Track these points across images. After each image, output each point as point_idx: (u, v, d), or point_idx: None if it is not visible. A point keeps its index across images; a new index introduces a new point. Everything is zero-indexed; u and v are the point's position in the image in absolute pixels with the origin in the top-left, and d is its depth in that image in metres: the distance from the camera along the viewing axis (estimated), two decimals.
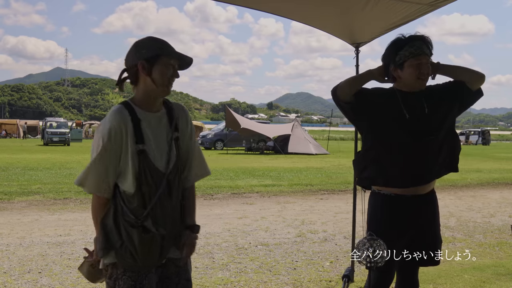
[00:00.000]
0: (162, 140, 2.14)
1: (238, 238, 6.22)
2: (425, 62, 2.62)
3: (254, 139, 26.49)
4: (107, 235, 2.09)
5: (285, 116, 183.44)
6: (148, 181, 2.06)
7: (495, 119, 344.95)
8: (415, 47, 2.60)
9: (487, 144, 48.99)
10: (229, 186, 11.33)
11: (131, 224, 2.06)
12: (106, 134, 2.04)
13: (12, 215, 7.65)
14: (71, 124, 42.12)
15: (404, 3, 3.57)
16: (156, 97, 2.14)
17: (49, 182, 11.57)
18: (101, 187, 2.08)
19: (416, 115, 2.65)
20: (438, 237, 2.75)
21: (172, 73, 2.12)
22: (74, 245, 5.71)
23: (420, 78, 2.64)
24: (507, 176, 15.06)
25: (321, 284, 4.47)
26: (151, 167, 2.07)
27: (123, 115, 2.06)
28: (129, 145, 2.05)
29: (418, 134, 2.63)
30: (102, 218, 2.11)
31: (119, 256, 2.09)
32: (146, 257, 2.08)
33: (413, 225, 2.66)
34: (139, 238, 2.05)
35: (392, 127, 2.65)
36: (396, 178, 2.65)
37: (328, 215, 8.10)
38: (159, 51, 2.07)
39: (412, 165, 2.63)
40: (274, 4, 3.97)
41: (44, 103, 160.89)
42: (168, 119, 2.18)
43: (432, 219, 2.73)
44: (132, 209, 2.06)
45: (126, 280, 2.10)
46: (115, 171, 2.08)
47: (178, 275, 2.24)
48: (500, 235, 6.72)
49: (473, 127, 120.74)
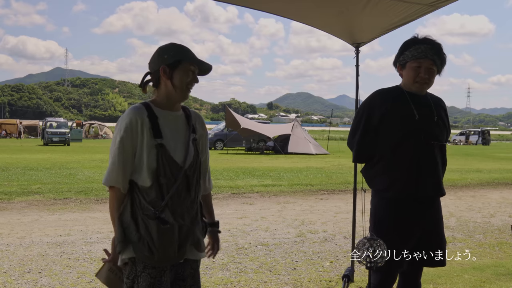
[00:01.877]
0: (181, 136, 2.23)
1: (238, 238, 6.22)
2: (426, 67, 2.61)
3: (254, 139, 26.48)
4: (125, 230, 2.14)
5: (285, 116, 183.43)
6: (166, 173, 2.13)
7: (495, 119, 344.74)
8: (420, 50, 2.60)
9: (487, 144, 48.98)
10: (229, 186, 11.33)
11: (149, 216, 2.11)
12: (123, 128, 2.14)
13: (12, 215, 7.65)
14: (71, 124, 42.07)
15: (404, 4, 3.58)
16: (175, 100, 2.24)
17: (49, 182, 11.57)
18: (120, 179, 2.14)
19: (425, 117, 2.67)
20: (443, 239, 2.76)
21: (191, 78, 2.22)
22: (74, 245, 5.71)
23: (417, 81, 2.64)
24: (507, 176, 15.06)
25: (321, 284, 4.47)
26: (170, 160, 2.15)
27: (140, 112, 2.16)
28: (145, 140, 2.13)
29: (426, 136, 2.64)
30: (119, 214, 2.16)
31: (137, 249, 2.12)
32: (164, 250, 2.12)
33: (418, 228, 2.66)
34: (157, 229, 2.10)
35: (401, 126, 2.64)
36: (402, 180, 2.64)
37: (328, 215, 8.10)
38: (180, 57, 2.18)
39: (419, 167, 2.63)
40: (274, 4, 3.97)
41: (44, 103, 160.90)
42: (186, 121, 2.29)
43: (437, 221, 2.74)
44: (150, 201, 2.13)
45: (145, 277, 2.13)
46: (132, 166, 2.15)
47: (193, 277, 2.29)
48: (500, 235, 6.72)
49: (473, 127, 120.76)
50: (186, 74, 2.20)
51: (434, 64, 2.62)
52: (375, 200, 2.75)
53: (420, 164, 2.63)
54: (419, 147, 2.63)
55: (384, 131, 2.67)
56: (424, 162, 2.64)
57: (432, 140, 2.64)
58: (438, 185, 2.70)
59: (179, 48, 2.22)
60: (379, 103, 2.70)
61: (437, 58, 2.62)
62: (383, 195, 2.69)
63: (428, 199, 2.69)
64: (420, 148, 2.63)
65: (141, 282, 2.14)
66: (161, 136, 2.14)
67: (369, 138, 2.73)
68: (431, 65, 2.62)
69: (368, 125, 2.72)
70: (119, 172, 2.13)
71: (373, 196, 2.78)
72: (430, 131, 2.65)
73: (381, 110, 2.67)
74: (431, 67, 2.62)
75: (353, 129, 2.84)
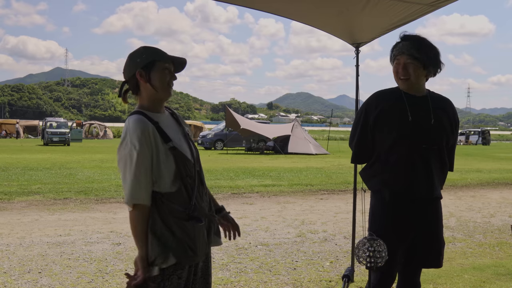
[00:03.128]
0: (180, 135, 2.26)
1: (238, 238, 6.20)
2: (403, 62, 2.61)
3: (254, 139, 26.49)
4: (159, 240, 2.07)
5: (285, 116, 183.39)
6: (188, 173, 2.15)
7: (495, 119, 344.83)
8: (398, 47, 2.64)
9: (487, 144, 49.00)
10: (229, 186, 11.33)
11: (183, 218, 2.10)
12: (137, 142, 2.05)
13: (12, 215, 7.65)
14: (71, 124, 42.09)
15: (404, 3, 3.57)
16: (160, 100, 2.22)
17: (49, 182, 11.57)
18: (146, 195, 2.07)
19: (421, 119, 2.64)
20: (441, 241, 2.75)
21: (170, 76, 2.21)
22: (74, 245, 5.71)
23: (399, 78, 2.65)
24: (507, 176, 15.06)
25: (321, 284, 4.47)
26: (185, 160, 2.17)
27: (144, 121, 2.10)
28: (159, 147, 2.10)
29: (420, 139, 2.62)
30: (148, 226, 2.08)
31: (178, 253, 2.08)
32: (202, 246, 2.17)
33: (415, 229, 2.65)
34: (194, 229, 2.12)
35: (395, 129, 2.64)
36: (396, 182, 2.64)
37: (328, 215, 8.10)
38: (153, 57, 2.16)
39: (413, 170, 2.61)
40: (274, 4, 3.97)
41: (44, 103, 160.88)
42: (174, 118, 2.31)
43: (435, 223, 2.72)
44: (179, 203, 2.11)
45: (173, 280, 2.12)
46: (152, 177, 2.09)
47: (202, 269, 2.30)
48: (500, 235, 6.72)
49: (473, 127, 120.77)
50: (163, 72, 2.17)
51: (412, 58, 2.60)
52: (372, 201, 2.77)
53: (414, 167, 2.61)
54: (413, 149, 2.61)
55: (380, 132, 2.68)
56: (418, 165, 2.61)
57: (425, 144, 2.61)
58: (432, 188, 2.67)
59: (150, 49, 2.19)
60: (375, 105, 2.71)
61: (415, 52, 2.58)
62: (379, 196, 2.70)
63: (424, 201, 2.67)
64: (413, 151, 2.61)
65: (168, 285, 2.10)
66: (170, 139, 2.14)
67: (367, 139, 2.74)
68: (408, 60, 2.60)
69: (365, 126, 2.73)
70: (144, 187, 2.06)
71: (371, 197, 2.80)
72: (424, 134, 2.62)
73: (377, 111, 2.69)
74: (408, 61, 2.60)
75: (353, 130, 2.86)
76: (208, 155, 22.88)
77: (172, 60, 2.21)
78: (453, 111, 2.79)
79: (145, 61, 2.14)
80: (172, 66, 2.22)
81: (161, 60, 2.17)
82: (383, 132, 2.66)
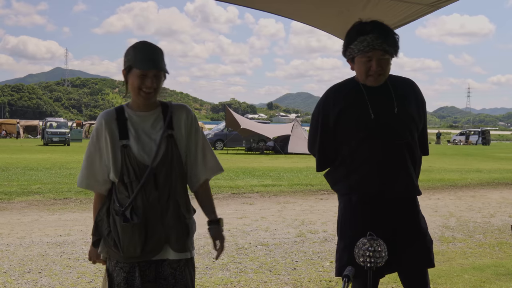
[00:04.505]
0: (150, 136, 2.22)
1: (238, 238, 6.22)
2: (377, 58, 2.36)
3: (254, 139, 26.49)
4: (97, 223, 2.25)
5: (285, 116, 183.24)
6: (129, 173, 2.17)
7: (495, 119, 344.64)
8: (366, 42, 2.33)
9: (487, 144, 49.01)
10: (229, 186, 11.33)
11: (116, 212, 2.18)
12: (93, 134, 2.27)
13: (12, 215, 7.65)
14: (71, 124, 42.12)
15: (405, 4, 3.57)
16: (138, 102, 2.24)
17: (49, 182, 11.57)
18: (91, 182, 2.26)
19: (383, 112, 2.43)
20: (426, 238, 2.53)
21: (142, 82, 2.14)
22: (74, 245, 5.72)
23: (370, 75, 2.39)
24: (507, 176, 15.06)
25: (321, 284, 4.47)
26: (133, 160, 2.18)
27: (108, 114, 2.25)
28: (109, 141, 2.20)
29: (384, 135, 2.42)
30: (98, 210, 2.26)
31: (106, 243, 2.21)
32: (128, 246, 2.16)
33: (391, 230, 2.46)
34: (121, 225, 2.16)
35: (356, 128, 2.45)
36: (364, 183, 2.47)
37: (328, 215, 8.10)
38: (131, 63, 2.17)
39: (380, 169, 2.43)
40: (274, 4, 3.97)
41: (44, 103, 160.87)
42: (162, 118, 2.26)
43: (413, 221, 2.51)
44: (119, 199, 2.20)
45: (118, 272, 2.20)
46: (102, 167, 2.23)
47: (175, 277, 2.23)
48: (500, 235, 6.72)
49: (473, 127, 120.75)
50: (138, 78, 2.14)
51: (386, 53, 2.36)
52: (340, 205, 2.61)
53: (381, 165, 2.42)
54: (378, 147, 2.42)
55: (341, 133, 2.49)
56: (386, 163, 2.42)
57: (392, 138, 2.41)
58: (405, 186, 2.46)
59: (134, 52, 2.17)
60: (332, 104, 2.49)
61: (387, 46, 2.35)
62: (347, 199, 2.55)
63: (396, 201, 2.47)
64: (379, 149, 2.42)
65: (115, 277, 2.20)
66: (127, 137, 2.19)
67: (330, 143, 2.53)
68: (383, 55, 2.36)
69: (325, 129, 2.52)
70: (90, 175, 2.26)
71: (339, 200, 2.64)
72: (388, 129, 2.42)
73: (335, 111, 2.47)
74: (382, 57, 2.36)
75: (312, 135, 2.62)
76: None
77: (147, 68, 2.13)
78: (417, 92, 2.54)
79: (126, 64, 2.20)
80: (151, 72, 2.14)
81: (136, 68, 2.15)
82: (345, 133, 2.48)
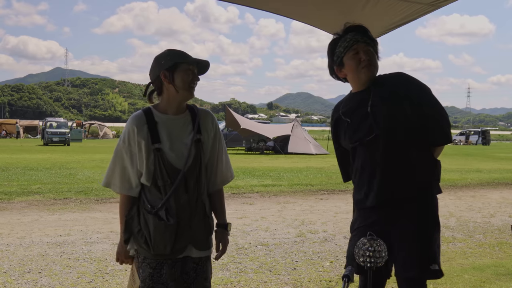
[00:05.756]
0: (181, 140, 2.29)
1: (238, 238, 6.22)
2: (363, 49, 2.41)
3: (254, 139, 26.49)
4: (128, 222, 2.29)
5: (285, 116, 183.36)
6: (163, 176, 2.23)
7: (495, 119, 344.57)
8: (348, 39, 2.42)
9: (487, 144, 49.01)
10: (229, 186, 11.31)
11: (148, 211, 2.24)
12: (122, 137, 2.32)
13: (12, 215, 7.65)
14: (71, 124, 42.10)
15: (405, 3, 3.57)
16: (179, 102, 2.31)
17: (49, 182, 11.57)
18: (123, 185, 2.31)
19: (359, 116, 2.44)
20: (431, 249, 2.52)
21: (192, 77, 2.29)
22: (74, 245, 5.71)
23: (362, 67, 2.41)
24: (507, 176, 15.05)
25: (321, 284, 4.47)
26: (167, 164, 2.23)
27: (139, 119, 2.28)
28: (143, 145, 2.24)
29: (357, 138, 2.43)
30: (128, 210, 2.31)
31: (136, 241, 2.26)
32: (158, 245, 2.22)
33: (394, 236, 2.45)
34: (153, 224, 2.21)
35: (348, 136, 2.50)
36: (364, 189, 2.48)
37: (328, 215, 8.10)
38: (177, 59, 2.26)
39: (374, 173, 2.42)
40: (274, 4, 3.97)
41: (44, 103, 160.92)
42: (191, 122, 2.33)
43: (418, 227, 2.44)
44: (150, 199, 2.26)
45: (145, 268, 2.27)
46: (135, 170, 2.28)
47: (196, 271, 2.33)
48: (500, 235, 6.72)
49: (473, 127, 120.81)
50: (186, 73, 2.27)
51: (368, 45, 2.43)
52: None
53: (376, 169, 2.40)
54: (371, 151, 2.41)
55: (344, 144, 2.60)
56: (381, 166, 2.39)
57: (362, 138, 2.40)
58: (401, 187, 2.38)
59: (175, 52, 2.31)
60: (332, 117, 2.65)
61: (367, 38, 2.44)
62: (356, 207, 2.62)
63: (397, 204, 2.42)
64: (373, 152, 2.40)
65: (141, 272, 2.27)
66: (159, 141, 2.24)
67: (341, 154, 2.68)
68: (366, 47, 2.42)
69: (335, 143, 2.69)
70: (119, 176, 2.31)
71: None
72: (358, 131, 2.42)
73: (332, 123, 2.64)
74: (367, 48, 2.42)
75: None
76: None
77: (195, 62, 2.30)
78: (408, 81, 2.44)
79: (169, 63, 2.25)
80: (195, 68, 2.31)
81: (184, 62, 2.26)
82: (344, 144, 2.58)
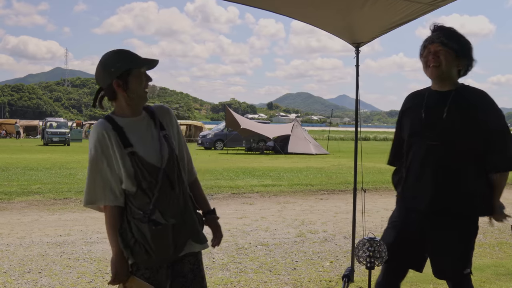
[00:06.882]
0: (150, 138, 2.20)
1: (238, 238, 6.21)
2: (433, 50, 2.49)
3: (254, 139, 26.48)
4: (122, 235, 2.16)
5: (285, 116, 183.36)
6: (145, 177, 2.13)
7: None
8: (426, 39, 2.56)
9: None
10: (229, 186, 11.32)
11: (140, 220, 2.12)
12: (92, 146, 2.14)
13: (12, 215, 7.65)
14: (71, 124, 42.09)
15: (404, 2, 3.57)
16: (136, 106, 2.20)
17: (49, 182, 11.57)
18: (109, 197, 2.15)
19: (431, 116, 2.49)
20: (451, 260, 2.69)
21: (145, 82, 2.18)
22: (74, 245, 5.71)
23: (428, 65, 2.51)
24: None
25: (321, 284, 4.46)
26: (146, 164, 2.13)
27: (105, 125, 2.14)
28: (116, 151, 2.12)
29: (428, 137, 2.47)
30: (120, 223, 2.17)
31: (135, 253, 2.15)
32: (160, 250, 2.14)
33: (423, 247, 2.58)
34: (150, 232, 2.11)
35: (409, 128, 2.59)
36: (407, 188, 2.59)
37: (328, 215, 8.10)
38: (128, 66, 2.12)
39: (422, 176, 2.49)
40: (274, 3, 3.97)
41: (44, 103, 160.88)
42: (152, 120, 2.25)
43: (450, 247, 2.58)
44: (138, 206, 2.14)
45: (143, 272, 2.19)
46: (115, 177, 2.15)
47: (193, 272, 2.30)
48: (500, 235, 6.72)
49: None
50: (139, 79, 2.15)
51: (443, 45, 2.46)
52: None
53: (422, 170, 2.46)
54: (422, 149, 2.47)
55: (402, 132, 2.69)
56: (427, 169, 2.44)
57: (432, 141, 2.45)
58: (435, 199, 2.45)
59: (123, 56, 2.15)
60: (404, 104, 2.73)
61: (445, 39, 2.47)
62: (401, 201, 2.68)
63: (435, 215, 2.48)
64: (423, 151, 2.47)
65: (139, 276, 2.20)
66: (130, 145, 2.13)
67: (398, 140, 2.75)
68: (439, 47, 2.47)
69: (398, 127, 2.76)
70: (101, 187, 2.15)
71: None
72: (431, 131, 2.46)
73: (402, 110, 2.73)
74: (438, 49, 2.47)
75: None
76: (208, 155, 22.88)
77: (145, 64, 2.17)
78: (486, 102, 2.49)
79: (120, 70, 2.10)
80: (146, 69, 2.19)
81: (136, 67, 2.13)
82: (402, 132, 2.67)
